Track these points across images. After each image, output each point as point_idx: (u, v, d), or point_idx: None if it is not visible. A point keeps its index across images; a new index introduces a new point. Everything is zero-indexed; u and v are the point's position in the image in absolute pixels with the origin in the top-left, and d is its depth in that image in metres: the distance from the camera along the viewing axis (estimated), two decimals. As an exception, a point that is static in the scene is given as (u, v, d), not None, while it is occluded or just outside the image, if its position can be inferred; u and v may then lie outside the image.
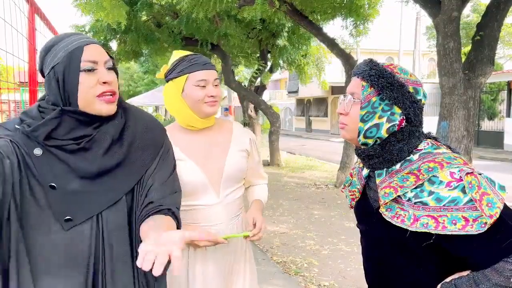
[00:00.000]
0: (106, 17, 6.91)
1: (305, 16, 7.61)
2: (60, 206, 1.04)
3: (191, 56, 1.56)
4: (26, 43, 2.34)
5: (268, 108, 10.99)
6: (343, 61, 8.03)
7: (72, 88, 1.04)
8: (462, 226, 0.96)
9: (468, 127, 4.86)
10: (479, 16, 6.49)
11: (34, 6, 2.42)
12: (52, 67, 1.06)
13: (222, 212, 1.58)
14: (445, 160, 1.04)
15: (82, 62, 1.05)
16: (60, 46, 1.06)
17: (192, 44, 10.02)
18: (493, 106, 15.86)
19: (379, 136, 1.12)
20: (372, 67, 1.14)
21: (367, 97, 1.12)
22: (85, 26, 9.67)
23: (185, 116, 1.58)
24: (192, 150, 1.58)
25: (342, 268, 4.00)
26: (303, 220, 5.78)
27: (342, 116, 1.19)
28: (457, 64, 4.76)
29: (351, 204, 1.32)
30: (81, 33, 1.14)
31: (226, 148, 1.63)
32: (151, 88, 23.72)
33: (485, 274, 0.97)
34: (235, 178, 1.62)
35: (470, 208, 0.97)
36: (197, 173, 1.55)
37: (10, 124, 1.08)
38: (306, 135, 25.46)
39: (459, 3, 4.72)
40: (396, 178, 1.09)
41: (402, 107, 1.10)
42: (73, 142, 1.06)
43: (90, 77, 1.06)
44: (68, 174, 1.05)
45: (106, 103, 1.08)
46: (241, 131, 1.72)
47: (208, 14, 6.29)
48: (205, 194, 1.56)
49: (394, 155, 1.11)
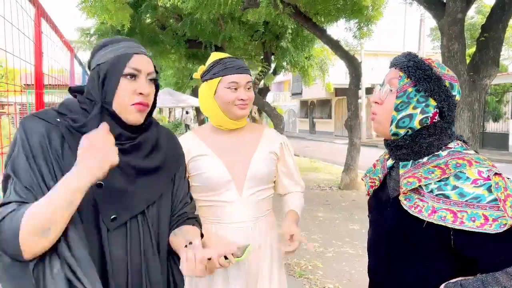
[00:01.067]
0: (110, 20, 6.95)
1: (308, 18, 7.62)
2: (107, 204, 1.05)
3: (226, 59, 1.60)
4: (33, 46, 2.36)
5: (271, 110, 10.98)
6: (347, 63, 8.03)
7: (110, 89, 1.07)
8: (480, 224, 0.96)
9: (473, 129, 4.84)
10: (483, 18, 6.48)
11: (40, 9, 2.44)
12: (98, 64, 1.09)
13: (245, 211, 1.59)
14: (474, 159, 1.04)
15: (126, 68, 1.08)
16: (112, 48, 1.10)
17: (196, 46, 10.04)
18: (498, 107, 15.78)
19: (411, 127, 1.13)
20: (411, 59, 1.16)
21: (403, 87, 1.13)
22: (90, 29, 9.72)
23: (216, 116, 1.62)
24: (219, 147, 1.62)
25: (347, 271, 3.99)
26: (308, 222, 5.77)
27: (375, 105, 1.20)
28: (462, 66, 4.74)
29: (368, 191, 1.33)
30: (138, 43, 1.16)
31: (254, 148, 1.65)
32: (155, 90, 23.70)
33: (495, 277, 0.95)
34: (260, 179, 1.63)
35: (493, 208, 0.96)
36: (220, 169, 1.58)
37: (49, 116, 1.07)
38: (310, 137, 25.43)
39: (464, 4, 4.71)
40: (422, 170, 1.10)
41: (437, 100, 1.11)
42: (117, 142, 1.06)
43: (129, 84, 1.09)
44: (113, 172, 1.05)
45: (136, 112, 1.10)
46: (272, 134, 1.75)
47: (212, 17, 6.30)
48: (227, 190, 1.58)
49: (423, 148, 1.12)
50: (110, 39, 1.14)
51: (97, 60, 1.10)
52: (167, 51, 10.71)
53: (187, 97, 19.95)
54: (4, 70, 3.77)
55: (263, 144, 1.67)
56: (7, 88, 2.23)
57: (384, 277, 1.21)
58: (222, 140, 1.64)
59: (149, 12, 8.71)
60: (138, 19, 8.64)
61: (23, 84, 3.70)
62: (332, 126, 25.84)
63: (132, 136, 1.12)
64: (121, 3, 6.71)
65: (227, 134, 1.66)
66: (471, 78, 4.80)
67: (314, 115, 28.61)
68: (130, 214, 1.08)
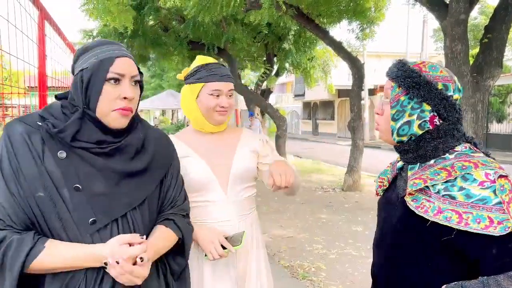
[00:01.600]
0: (113, 22, 6.97)
1: (311, 19, 7.62)
2: (85, 208, 1.05)
3: (211, 65, 1.62)
4: (36, 49, 2.37)
5: (274, 111, 10.99)
6: (349, 64, 8.02)
7: (93, 95, 1.07)
8: (485, 226, 0.96)
9: (477, 130, 4.82)
10: (487, 19, 6.46)
11: (43, 12, 2.45)
12: (81, 69, 1.08)
13: (230, 210, 1.62)
14: (481, 162, 1.05)
15: (109, 73, 1.06)
16: (94, 52, 1.09)
17: (199, 48, 10.06)
18: (501, 108, 15.73)
19: (412, 133, 1.15)
20: (400, 68, 1.18)
21: (395, 96, 1.17)
22: (93, 31, 9.77)
23: (197, 120, 1.66)
24: (201, 148, 1.66)
25: (350, 272, 3.98)
26: (310, 224, 5.76)
27: (377, 116, 1.24)
28: (465, 67, 4.73)
29: (377, 191, 1.36)
30: (120, 43, 1.15)
31: (234, 148, 1.70)
32: (158, 92, 23.82)
33: (497, 280, 0.95)
34: (243, 177, 1.66)
35: (498, 210, 0.96)
36: (204, 169, 1.61)
37: (30, 120, 1.08)
38: (313, 138, 25.41)
39: (467, 5, 4.70)
40: (428, 171, 1.11)
41: (431, 104, 1.12)
42: (97, 146, 1.08)
43: (113, 89, 1.08)
44: (92, 176, 1.06)
45: (120, 117, 1.09)
46: (250, 134, 1.80)
47: (214, 18, 6.32)
48: (212, 190, 1.61)
49: (428, 152, 1.14)
50: (93, 42, 1.12)
51: (80, 65, 1.09)
52: (170, 53, 10.75)
53: (190, 99, 19.91)
54: (8, 72, 3.79)
55: (242, 144, 1.72)
56: (11, 90, 2.24)
57: (388, 276, 1.21)
58: (204, 142, 1.68)
59: (152, 14, 8.75)
60: (141, 21, 8.67)
61: (27, 86, 3.72)
62: (335, 128, 25.82)
63: (114, 141, 1.11)
64: (124, 6, 6.73)
65: (209, 136, 1.70)
66: (474, 79, 4.78)
67: (317, 117, 28.59)
68: (110, 218, 1.07)
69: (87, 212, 1.04)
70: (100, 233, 1.05)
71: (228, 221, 1.61)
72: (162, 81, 25.11)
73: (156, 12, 8.61)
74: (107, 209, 1.07)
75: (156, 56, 11.36)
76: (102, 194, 1.07)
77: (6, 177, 1.01)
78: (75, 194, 1.04)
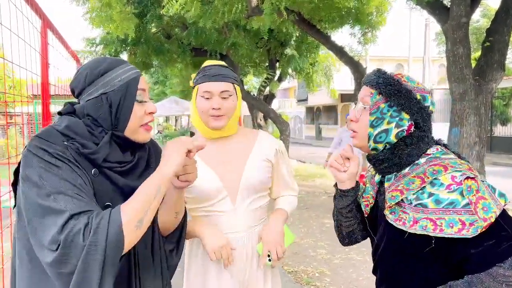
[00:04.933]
0: (115, 30, 7.01)
1: (313, 25, 7.64)
2: None
3: (207, 67, 1.57)
4: (39, 57, 2.39)
5: (277, 116, 11.00)
6: (352, 69, 8.02)
7: (125, 116, 1.10)
8: (458, 230, 0.99)
9: (480, 133, 4.81)
10: (488, 21, 6.45)
11: (46, 21, 2.48)
12: (105, 92, 1.09)
13: (239, 221, 1.57)
14: (450, 164, 1.07)
15: (138, 92, 1.11)
16: (116, 74, 1.10)
17: (201, 54, 10.10)
18: (505, 111, 15.67)
19: (388, 141, 1.15)
20: (380, 76, 1.18)
21: (375, 103, 1.17)
22: (96, 39, 9.83)
23: (198, 125, 1.61)
24: (210, 157, 1.58)
25: (354, 278, 3.96)
26: (314, 229, 5.74)
27: (352, 123, 1.23)
28: (467, 70, 4.73)
29: (365, 211, 1.31)
30: (127, 61, 1.18)
31: (246, 156, 1.61)
32: (161, 99, 23.91)
33: (480, 278, 0.98)
34: (254, 188, 1.58)
35: (467, 212, 0.99)
36: (213, 179, 1.55)
37: (53, 139, 1.05)
38: (316, 143, 25.37)
39: (468, 9, 4.71)
40: (403, 181, 1.12)
41: (409, 113, 1.14)
42: (119, 166, 1.12)
43: (140, 107, 1.13)
44: (116, 194, 1.10)
45: (146, 132, 1.16)
46: (266, 139, 1.68)
47: (216, 25, 6.35)
48: (221, 200, 1.56)
49: (403, 159, 1.15)
50: (104, 64, 1.12)
51: (100, 87, 1.09)
52: (173, 60, 10.79)
53: (193, 105, 19.96)
54: (12, 81, 3.82)
55: (256, 151, 1.63)
56: (14, 98, 2.26)
57: (389, 278, 1.21)
58: (214, 149, 1.60)
59: (154, 22, 8.79)
60: (143, 29, 8.72)
61: (30, 95, 3.75)
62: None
63: (131, 159, 1.16)
64: (127, 13, 6.78)
65: (218, 143, 1.62)
66: (476, 82, 4.78)
67: (320, 121, 28.57)
68: None
69: None
70: None
71: (236, 232, 1.56)
72: (165, 87, 25.20)
73: (158, 20, 8.66)
74: None
75: (159, 63, 11.40)
76: None
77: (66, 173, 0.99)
78: None
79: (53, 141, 1.04)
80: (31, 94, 3.70)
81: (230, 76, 1.55)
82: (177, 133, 27.11)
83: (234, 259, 1.53)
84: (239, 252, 1.56)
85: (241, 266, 1.57)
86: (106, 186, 1.09)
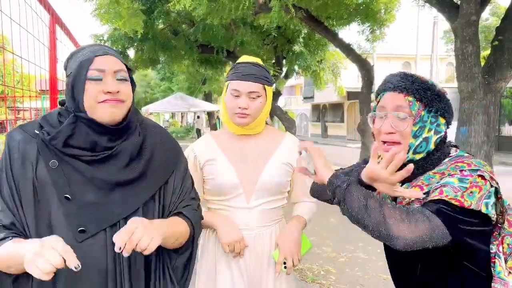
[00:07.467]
0: (123, 26, 7.04)
1: (320, 22, 7.62)
2: (74, 217, 1.05)
3: (239, 65, 1.57)
4: (48, 52, 2.40)
5: (283, 114, 10.99)
6: (359, 66, 8.00)
7: (79, 96, 1.07)
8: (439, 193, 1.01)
9: (488, 133, 4.77)
10: (498, 20, 6.39)
11: (55, 17, 2.48)
12: (68, 76, 1.11)
13: (251, 218, 1.58)
14: (474, 163, 1.05)
15: (89, 71, 1.07)
16: (76, 56, 1.11)
17: (209, 51, 10.11)
18: (514, 111, 15.52)
19: (429, 150, 1.10)
20: (414, 81, 1.10)
21: (418, 112, 1.09)
22: (103, 35, 9.87)
23: (224, 119, 1.62)
24: (233, 153, 1.60)
25: (360, 276, 3.95)
26: (320, 227, 5.73)
27: (389, 136, 1.11)
28: (476, 69, 4.69)
29: None
30: (103, 44, 1.17)
31: (267, 158, 1.60)
32: (167, 95, 23.95)
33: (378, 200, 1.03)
34: (270, 189, 1.58)
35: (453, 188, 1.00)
36: (231, 175, 1.56)
37: (29, 128, 1.10)
38: (322, 141, 25.31)
39: (478, 6, 4.66)
40: (423, 178, 1.10)
41: (446, 116, 1.11)
42: (91, 154, 1.08)
43: (95, 86, 1.07)
44: (84, 185, 1.06)
45: (108, 106, 1.07)
46: (291, 143, 1.66)
47: (223, 21, 6.35)
48: (236, 197, 1.57)
49: (434, 165, 1.11)
50: (78, 48, 1.15)
51: (67, 72, 1.12)
52: (180, 56, 10.81)
53: (199, 102, 20.01)
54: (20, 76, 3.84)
55: (279, 153, 1.61)
56: (23, 93, 2.27)
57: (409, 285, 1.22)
58: (238, 146, 1.61)
59: (161, 18, 8.82)
60: (151, 25, 8.75)
61: (39, 90, 3.77)
62: (345, 130, 25.68)
63: (108, 146, 1.10)
64: (134, 10, 6.80)
65: (244, 140, 1.62)
66: (485, 81, 4.73)
67: (326, 119, 28.49)
68: (99, 227, 1.06)
69: (76, 221, 1.04)
70: (89, 242, 1.05)
71: (246, 230, 1.57)
72: (171, 83, 25.26)
73: (165, 16, 8.68)
74: (97, 219, 1.06)
75: (166, 59, 11.42)
76: (93, 204, 1.07)
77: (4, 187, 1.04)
78: (66, 203, 1.04)
79: (27, 129, 1.10)
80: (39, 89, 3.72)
81: (261, 76, 1.54)
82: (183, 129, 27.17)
83: (244, 255, 1.56)
84: (248, 250, 1.57)
85: (251, 263, 1.58)
86: (69, 176, 1.05)
